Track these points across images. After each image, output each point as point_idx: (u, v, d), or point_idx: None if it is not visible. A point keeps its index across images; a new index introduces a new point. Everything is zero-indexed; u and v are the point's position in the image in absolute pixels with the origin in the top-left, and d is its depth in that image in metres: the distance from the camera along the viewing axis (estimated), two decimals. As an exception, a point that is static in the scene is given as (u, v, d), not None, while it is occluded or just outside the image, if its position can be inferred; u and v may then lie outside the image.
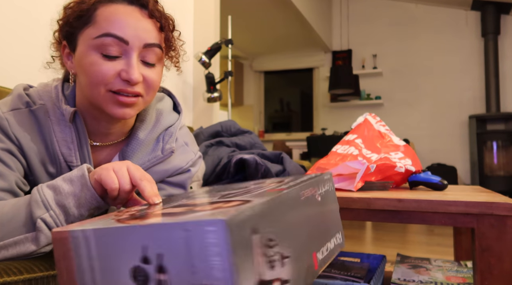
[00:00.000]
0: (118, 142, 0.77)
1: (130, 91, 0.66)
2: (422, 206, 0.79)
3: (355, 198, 0.85)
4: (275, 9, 4.25)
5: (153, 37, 0.67)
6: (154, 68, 0.70)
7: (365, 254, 1.20)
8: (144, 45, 0.66)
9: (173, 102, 0.87)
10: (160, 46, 0.69)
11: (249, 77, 6.20)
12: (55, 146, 0.70)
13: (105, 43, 0.64)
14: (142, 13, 0.67)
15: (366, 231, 3.06)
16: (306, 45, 5.45)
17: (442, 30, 5.00)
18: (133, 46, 0.65)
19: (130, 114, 0.68)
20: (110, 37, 0.64)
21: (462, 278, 1.05)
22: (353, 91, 4.81)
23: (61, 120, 0.70)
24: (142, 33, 0.66)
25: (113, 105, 0.67)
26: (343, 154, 1.09)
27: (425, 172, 1.05)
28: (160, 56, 0.70)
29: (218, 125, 1.42)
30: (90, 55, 0.65)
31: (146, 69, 0.68)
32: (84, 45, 0.66)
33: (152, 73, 0.69)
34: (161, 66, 0.73)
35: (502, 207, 0.73)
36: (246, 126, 6.03)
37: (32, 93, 0.72)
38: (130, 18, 0.65)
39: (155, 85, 0.70)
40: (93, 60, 0.65)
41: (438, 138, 4.96)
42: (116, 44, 0.64)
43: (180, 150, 0.81)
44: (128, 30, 0.65)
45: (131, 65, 0.65)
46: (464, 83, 4.88)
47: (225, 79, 2.41)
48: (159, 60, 0.71)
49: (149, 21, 0.67)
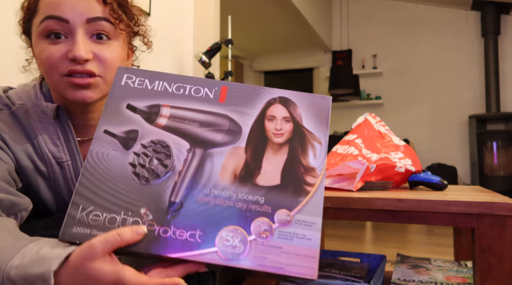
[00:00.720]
0: None
1: (81, 70, 0.64)
2: (422, 206, 0.79)
3: (355, 198, 0.85)
4: (275, 9, 4.25)
5: (95, 10, 0.65)
6: (106, 43, 0.67)
7: (365, 254, 1.20)
8: (87, 20, 0.64)
9: None
10: (107, 19, 0.66)
11: (249, 77, 6.20)
12: (41, 144, 0.69)
13: (47, 27, 0.63)
14: None
15: (366, 231, 3.06)
16: (306, 45, 5.45)
17: (442, 30, 5.00)
18: (75, 23, 0.63)
19: (91, 96, 0.66)
20: (50, 19, 0.63)
21: (462, 278, 1.05)
22: (353, 91, 4.81)
23: (43, 117, 0.70)
24: (82, 9, 0.64)
25: (70, 89, 0.65)
26: (343, 154, 1.09)
27: (425, 172, 1.05)
28: (110, 30, 0.67)
29: (218, 125, 1.42)
30: (39, 44, 0.64)
31: (97, 45, 0.66)
32: (34, 36, 0.66)
33: (104, 49, 0.66)
34: (118, 42, 0.69)
35: (502, 207, 0.73)
36: (246, 126, 6.02)
37: (11, 94, 0.71)
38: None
39: (111, 62, 0.67)
40: (41, 47, 0.64)
41: (438, 138, 4.96)
42: (57, 25, 0.63)
43: None
44: (66, 8, 0.63)
45: (75, 42, 0.63)
46: (464, 83, 4.88)
47: (225, 79, 2.41)
48: (112, 35, 0.67)
49: None
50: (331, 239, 2.73)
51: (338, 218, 0.88)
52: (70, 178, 0.73)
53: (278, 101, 0.50)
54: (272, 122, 0.50)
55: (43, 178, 0.71)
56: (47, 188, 0.73)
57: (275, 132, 0.49)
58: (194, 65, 2.47)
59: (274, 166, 0.48)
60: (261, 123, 0.50)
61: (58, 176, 0.72)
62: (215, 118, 0.51)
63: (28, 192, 0.72)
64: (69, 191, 0.75)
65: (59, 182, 0.73)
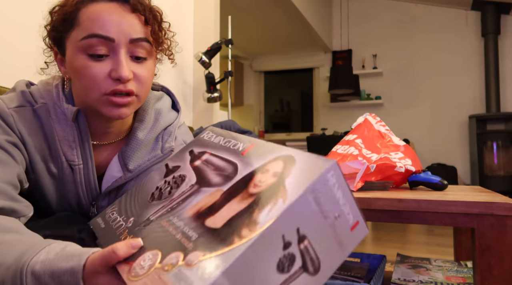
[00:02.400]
0: (118, 142, 0.77)
1: (123, 89, 0.65)
2: (422, 206, 0.79)
3: (355, 198, 0.85)
4: (275, 9, 4.25)
5: (138, 31, 0.66)
6: (144, 63, 0.68)
7: (365, 254, 1.20)
8: (130, 41, 0.65)
9: (172, 101, 0.86)
10: (147, 40, 0.68)
11: (249, 77, 6.20)
12: (56, 145, 0.70)
13: (91, 44, 0.63)
14: (124, 9, 0.65)
15: (366, 231, 3.06)
16: (306, 45, 5.45)
17: (442, 30, 5.00)
18: (120, 43, 0.64)
19: (126, 113, 0.68)
20: (95, 37, 0.63)
21: (462, 278, 1.05)
22: (353, 91, 4.81)
23: (62, 119, 0.70)
24: (126, 28, 0.65)
25: (108, 107, 0.66)
26: (343, 154, 1.09)
27: (425, 172, 1.05)
28: (149, 50, 0.69)
29: (218, 125, 1.42)
30: (78, 58, 0.65)
31: (136, 65, 0.67)
32: (72, 48, 0.66)
33: (142, 68, 0.68)
34: (152, 60, 0.71)
35: (502, 207, 0.73)
36: (246, 126, 6.02)
37: (34, 91, 0.72)
38: (113, 15, 0.64)
39: (147, 81, 0.69)
40: (82, 63, 0.64)
41: (438, 138, 4.96)
42: (102, 43, 0.64)
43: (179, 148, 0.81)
44: (112, 28, 0.64)
45: (119, 62, 0.64)
46: (464, 83, 4.88)
47: (225, 79, 2.41)
48: (149, 55, 0.69)
49: (132, 15, 0.66)
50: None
51: (338, 218, 0.88)
52: (79, 182, 0.73)
53: (281, 158, 0.49)
54: (263, 174, 0.48)
55: (52, 178, 0.72)
56: (53, 189, 0.73)
57: (256, 183, 0.47)
58: (194, 65, 2.47)
59: (228, 212, 0.45)
60: (252, 174, 0.49)
61: (67, 178, 0.73)
62: (226, 165, 0.55)
63: (33, 190, 0.72)
64: (75, 194, 0.75)
65: (68, 184, 0.73)
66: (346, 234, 0.46)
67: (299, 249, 0.42)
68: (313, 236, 0.43)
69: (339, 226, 0.45)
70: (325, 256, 0.44)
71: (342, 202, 0.45)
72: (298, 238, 0.42)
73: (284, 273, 0.42)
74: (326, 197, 0.43)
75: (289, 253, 0.42)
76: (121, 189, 0.76)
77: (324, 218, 0.43)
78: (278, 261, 0.41)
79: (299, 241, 0.42)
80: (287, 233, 0.41)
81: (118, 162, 0.75)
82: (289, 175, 0.45)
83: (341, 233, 0.45)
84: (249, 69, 6.19)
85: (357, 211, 0.47)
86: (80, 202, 0.76)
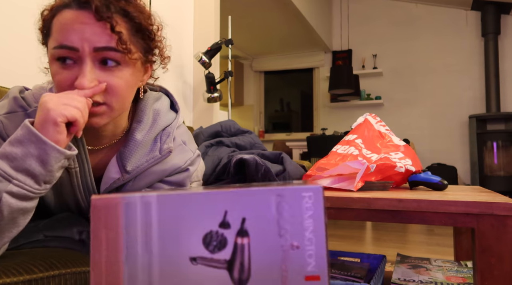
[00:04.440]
0: (114, 144, 0.77)
1: None
2: (422, 206, 0.79)
3: (355, 198, 0.85)
4: (275, 9, 4.25)
5: (103, 40, 0.64)
6: (115, 71, 0.66)
7: (365, 254, 1.20)
8: (95, 49, 0.63)
9: (171, 101, 0.86)
10: (114, 49, 0.64)
11: (249, 77, 6.20)
12: None
13: (59, 54, 0.64)
14: (89, 17, 0.64)
15: (366, 231, 3.06)
16: (306, 45, 5.45)
17: (442, 30, 5.00)
18: (84, 52, 0.63)
19: (98, 122, 0.66)
20: (62, 48, 0.63)
21: (462, 278, 1.05)
22: (353, 91, 4.81)
23: None
24: (90, 37, 0.63)
25: None
26: (343, 154, 1.09)
27: (425, 172, 1.05)
28: (119, 58, 0.66)
29: (218, 125, 1.42)
30: (53, 65, 0.65)
31: (104, 73, 0.65)
32: (49, 55, 0.66)
33: (111, 76, 0.65)
34: (129, 67, 0.68)
35: (502, 207, 0.73)
36: (246, 126, 6.02)
37: (27, 96, 0.72)
38: (77, 24, 0.63)
39: (118, 90, 0.66)
40: (54, 70, 0.65)
41: (438, 138, 4.96)
42: (68, 53, 0.63)
43: (178, 150, 0.81)
44: (75, 37, 0.63)
45: (81, 72, 0.63)
46: (464, 83, 4.88)
47: (225, 79, 2.41)
48: (122, 61, 0.66)
49: (98, 24, 0.64)
50: (331, 239, 2.73)
51: (338, 218, 0.88)
52: (76, 185, 0.73)
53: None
54: None
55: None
56: (51, 192, 0.73)
57: None
58: (194, 65, 2.48)
59: None
60: None
61: (64, 182, 0.73)
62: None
63: None
64: (73, 197, 0.75)
65: (65, 188, 0.73)
66: (296, 279, 0.38)
67: (235, 241, 0.39)
68: (257, 244, 0.38)
69: (292, 261, 0.38)
70: (257, 283, 0.38)
71: (308, 235, 0.38)
72: (239, 229, 0.39)
73: (207, 249, 0.39)
74: (291, 214, 0.39)
75: (222, 234, 0.39)
76: (119, 191, 0.76)
77: (279, 235, 0.38)
78: (208, 232, 0.39)
79: (239, 232, 0.39)
80: (231, 213, 0.39)
81: (116, 163, 0.75)
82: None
83: (291, 272, 0.38)
84: (249, 69, 6.19)
85: (324, 265, 0.38)
86: (78, 204, 0.76)
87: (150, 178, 0.77)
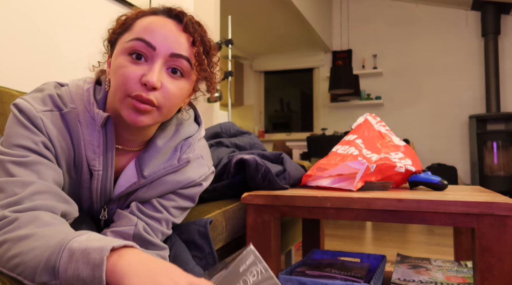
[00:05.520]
0: (139, 150, 0.78)
1: (144, 97, 0.65)
2: (422, 206, 0.79)
3: (355, 198, 0.85)
4: (275, 9, 4.25)
5: (182, 48, 0.68)
6: (178, 80, 0.69)
7: (365, 254, 1.20)
8: (171, 55, 0.67)
9: (194, 114, 0.87)
10: (187, 59, 0.68)
11: (249, 77, 6.20)
12: (81, 148, 0.70)
13: (134, 47, 0.66)
14: (177, 27, 0.69)
15: (366, 231, 3.06)
16: (306, 45, 5.45)
17: (442, 30, 5.00)
18: (159, 53, 0.66)
19: (143, 121, 0.67)
20: (139, 41, 0.66)
21: (462, 278, 1.05)
22: (353, 91, 4.81)
23: (90, 123, 0.71)
24: (171, 42, 0.67)
25: (128, 110, 0.66)
26: (343, 154, 1.09)
27: (425, 172, 1.05)
28: (187, 70, 0.69)
29: (218, 126, 1.42)
30: (120, 57, 0.67)
31: (168, 78, 0.68)
32: (118, 48, 0.68)
33: (173, 84, 0.68)
34: (188, 82, 0.71)
35: (502, 207, 0.73)
36: (246, 126, 6.03)
37: (63, 94, 0.72)
38: (163, 28, 0.67)
39: (173, 97, 0.68)
40: (121, 62, 0.66)
41: (438, 138, 4.96)
42: (143, 48, 0.66)
43: (195, 163, 0.81)
44: (158, 38, 0.66)
45: (152, 69, 0.65)
46: (464, 83, 4.88)
47: (225, 79, 2.41)
48: (186, 74, 0.70)
49: (182, 34, 0.68)
50: (331, 239, 2.73)
51: (338, 218, 0.88)
52: (95, 187, 0.74)
53: None
54: None
55: (70, 180, 0.73)
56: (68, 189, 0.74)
57: None
58: (194, 65, 2.48)
59: None
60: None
61: (84, 183, 0.73)
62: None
63: None
64: (89, 198, 0.75)
65: (83, 189, 0.74)
66: None
67: None
68: None
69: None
70: None
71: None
72: None
73: None
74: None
75: None
76: (131, 195, 0.77)
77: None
78: None
79: None
80: None
81: (134, 167, 0.76)
82: None
83: None
84: (249, 69, 6.19)
85: None
86: (91, 205, 0.77)
87: (164, 188, 0.78)
